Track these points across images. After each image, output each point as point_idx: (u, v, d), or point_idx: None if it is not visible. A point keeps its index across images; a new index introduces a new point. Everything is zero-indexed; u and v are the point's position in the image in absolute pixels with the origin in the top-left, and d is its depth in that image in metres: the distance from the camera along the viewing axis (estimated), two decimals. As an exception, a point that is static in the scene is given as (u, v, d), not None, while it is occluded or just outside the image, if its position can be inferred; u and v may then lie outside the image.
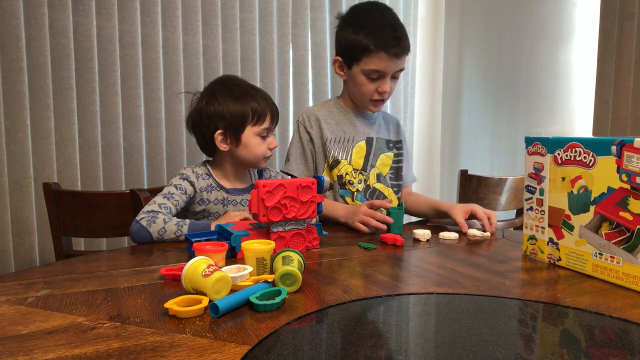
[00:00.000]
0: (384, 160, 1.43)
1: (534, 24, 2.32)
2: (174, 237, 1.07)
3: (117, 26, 1.86)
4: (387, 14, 1.35)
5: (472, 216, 1.22)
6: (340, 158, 1.38)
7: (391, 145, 1.47)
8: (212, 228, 1.06)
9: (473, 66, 2.70)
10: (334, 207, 1.29)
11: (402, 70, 1.35)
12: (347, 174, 1.37)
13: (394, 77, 1.35)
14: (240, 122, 1.20)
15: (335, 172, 1.38)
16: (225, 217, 1.19)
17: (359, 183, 1.38)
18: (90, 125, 1.83)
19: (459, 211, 1.22)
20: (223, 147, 1.21)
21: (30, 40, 1.70)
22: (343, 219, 1.26)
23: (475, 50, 2.68)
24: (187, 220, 1.09)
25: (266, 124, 1.22)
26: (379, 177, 1.41)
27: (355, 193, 1.37)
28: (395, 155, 1.46)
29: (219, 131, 1.20)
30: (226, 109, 1.20)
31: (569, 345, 0.56)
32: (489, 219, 1.19)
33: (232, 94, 1.22)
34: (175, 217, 1.11)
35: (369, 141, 1.43)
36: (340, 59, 1.38)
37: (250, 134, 1.21)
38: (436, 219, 1.41)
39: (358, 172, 1.39)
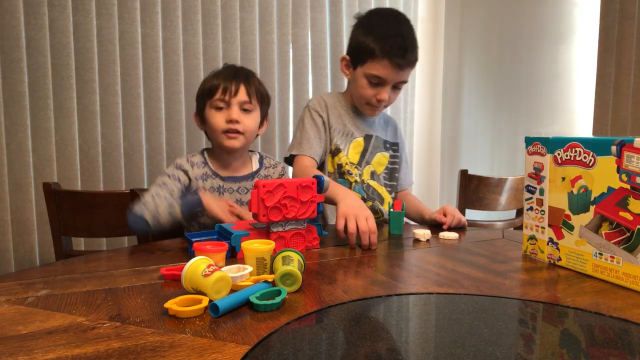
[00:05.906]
0: (380, 160, 1.44)
1: (534, 24, 2.32)
2: (169, 218, 1.09)
3: (117, 26, 1.86)
4: (402, 23, 1.31)
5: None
6: (341, 147, 1.39)
7: (388, 146, 1.48)
8: (202, 198, 1.11)
9: (473, 66, 2.69)
10: (336, 191, 1.11)
11: (404, 82, 1.34)
12: (346, 164, 1.38)
13: (396, 87, 1.34)
14: (201, 100, 1.26)
15: (336, 160, 1.38)
16: (212, 202, 1.14)
17: (356, 176, 1.39)
18: (90, 125, 1.83)
19: (436, 212, 1.32)
20: (201, 128, 1.29)
21: (30, 40, 1.71)
22: (342, 207, 1.05)
23: (475, 50, 2.68)
24: (176, 197, 1.13)
25: (217, 95, 1.22)
26: (373, 175, 1.41)
27: (354, 184, 1.37)
28: (392, 157, 1.47)
29: (194, 112, 1.28)
30: (199, 91, 1.27)
31: (569, 345, 0.56)
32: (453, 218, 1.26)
33: (207, 76, 1.29)
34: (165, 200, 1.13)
35: (367, 138, 1.42)
36: (347, 57, 1.38)
37: (208, 110, 1.25)
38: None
39: (354, 166, 1.39)
